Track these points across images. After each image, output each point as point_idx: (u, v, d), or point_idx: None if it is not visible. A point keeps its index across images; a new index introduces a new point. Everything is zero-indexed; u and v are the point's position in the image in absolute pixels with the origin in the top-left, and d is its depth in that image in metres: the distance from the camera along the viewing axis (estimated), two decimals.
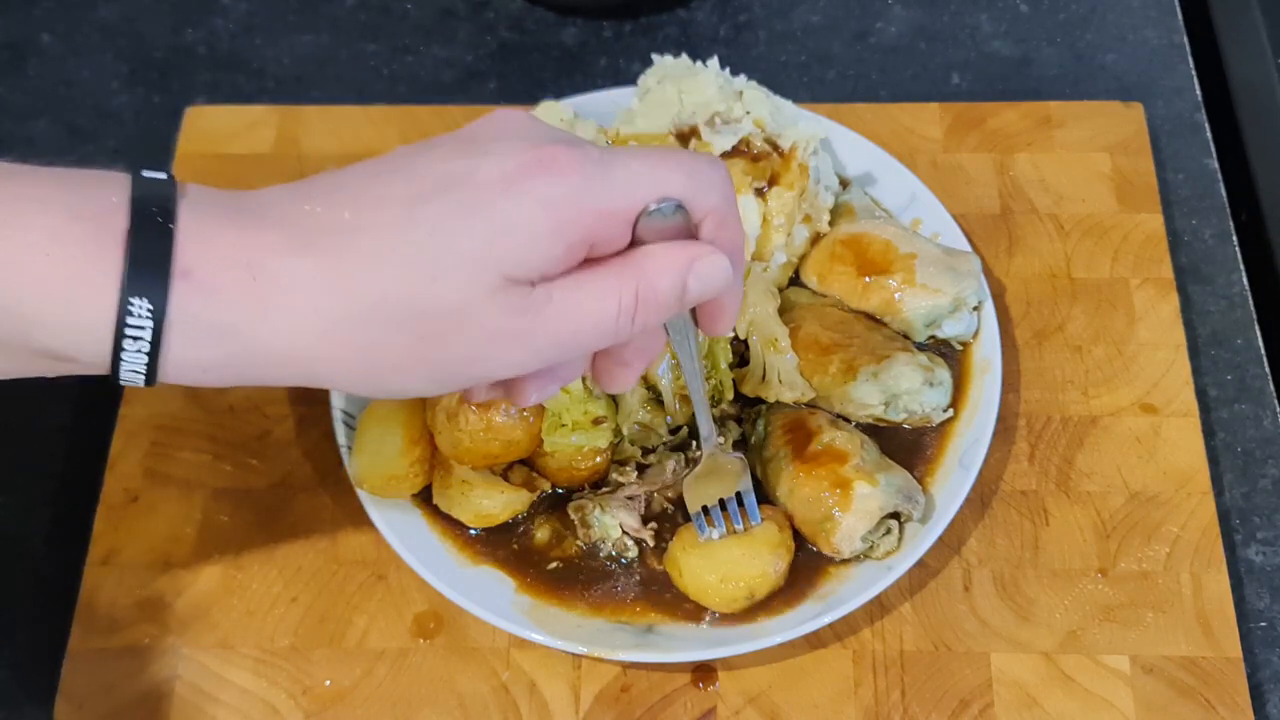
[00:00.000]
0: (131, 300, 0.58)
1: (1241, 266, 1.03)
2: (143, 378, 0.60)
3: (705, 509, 0.86)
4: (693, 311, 0.71)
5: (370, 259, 0.60)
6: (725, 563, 0.85)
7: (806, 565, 0.87)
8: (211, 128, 1.10)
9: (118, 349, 0.59)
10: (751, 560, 0.85)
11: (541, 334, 0.63)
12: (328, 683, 0.86)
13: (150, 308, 0.58)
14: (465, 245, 0.60)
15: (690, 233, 0.65)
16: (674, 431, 0.92)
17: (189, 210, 0.60)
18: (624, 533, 0.88)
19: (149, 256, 0.58)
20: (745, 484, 0.87)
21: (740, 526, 0.86)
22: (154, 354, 0.59)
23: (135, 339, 0.58)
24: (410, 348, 0.62)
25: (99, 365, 0.60)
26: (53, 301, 0.58)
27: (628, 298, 0.64)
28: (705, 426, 0.84)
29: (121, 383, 0.60)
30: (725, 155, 0.95)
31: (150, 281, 0.58)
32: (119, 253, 0.58)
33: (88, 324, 0.58)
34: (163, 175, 0.61)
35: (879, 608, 0.87)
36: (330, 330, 0.61)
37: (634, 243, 0.64)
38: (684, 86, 0.99)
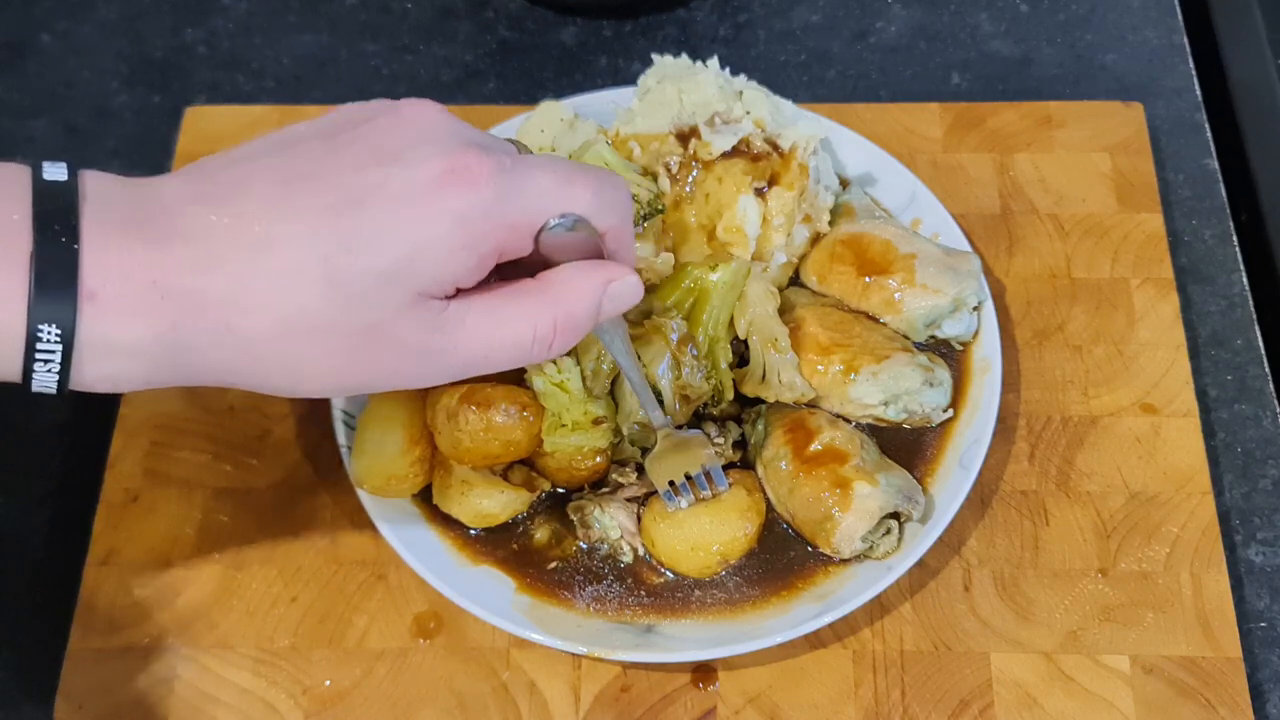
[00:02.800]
0: (40, 325, 0.58)
1: (1241, 267, 1.03)
2: (54, 390, 0.60)
3: (672, 483, 0.87)
4: None
5: (283, 276, 0.60)
6: (695, 532, 0.86)
7: (806, 564, 0.87)
8: (211, 128, 1.10)
9: (28, 369, 0.59)
10: (720, 527, 0.86)
11: (456, 353, 0.64)
12: (328, 683, 0.86)
13: (59, 331, 0.58)
14: (378, 262, 0.60)
15: (592, 244, 0.67)
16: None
17: (93, 223, 0.59)
18: (622, 535, 0.88)
19: (55, 280, 0.58)
20: (709, 456, 0.87)
21: (708, 493, 0.87)
22: (65, 371, 0.59)
23: (46, 360, 0.58)
24: (326, 360, 0.63)
25: (9, 380, 0.60)
26: None
27: (544, 326, 0.65)
28: (654, 415, 0.85)
29: (33, 392, 0.60)
30: (725, 155, 0.95)
31: (57, 305, 0.58)
32: (24, 276, 0.57)
33: None
34: (63, 175, 0.60)
35: (879, 608, 0.87)
36: (245, 347, 0.61)
37: (535, 252, 0.65)
38: (684, 86, 0.99)
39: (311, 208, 0.61)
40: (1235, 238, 1.05)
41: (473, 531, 0.89)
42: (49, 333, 0.58)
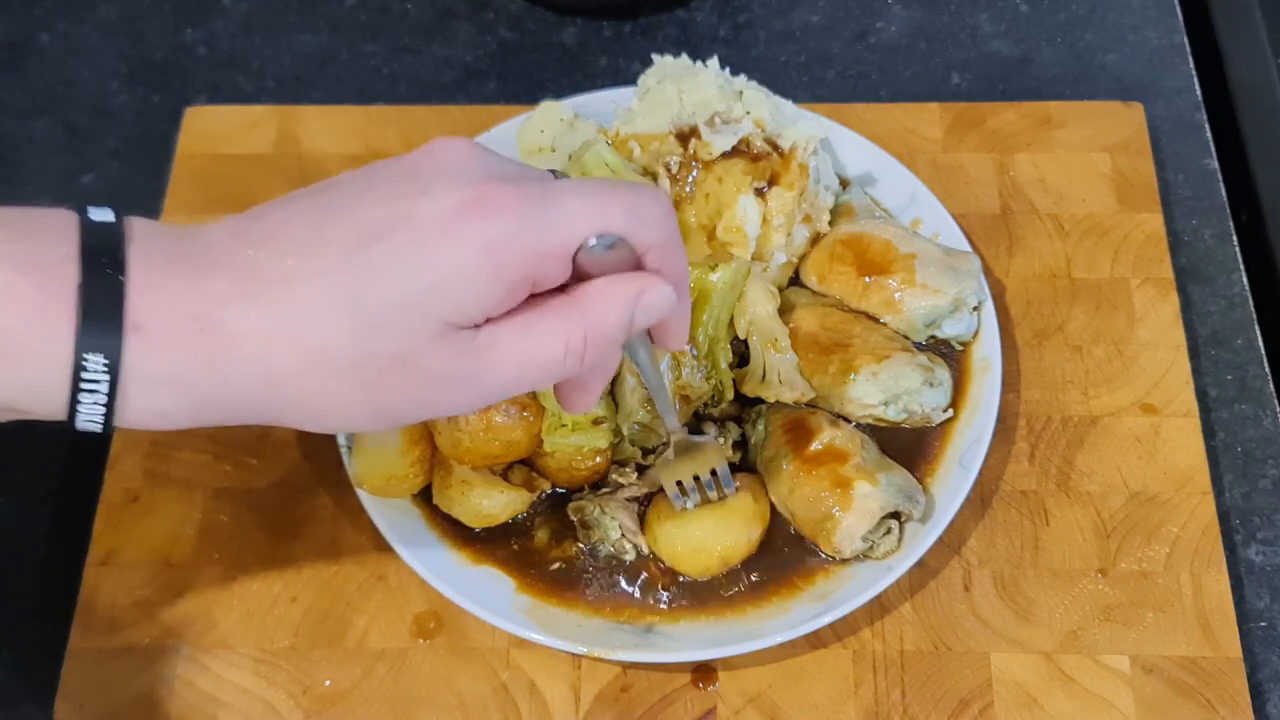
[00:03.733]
0: (86, 356, 0.58)
1: (1241, 266, 1.03)
2: (100, 426, 0.60)
3: (679, 483, 0.86)
4: None
5: (311, 309, 0.60)
6: (697, 534, 0.86)
7: (806, 564, 0.87)
8: (211, 128, 1.10)
9: (74, 402, 0.59)
10: (724, 532, 0.86)
11: (487, 377, 0.63)
12: (328, 683, 0.86)
13: (106, 362, 0.58)
14: (404, 294, 0.60)
15: (633, 262, 0.65)
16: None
17: (138, 258, 0.60)
18: (623, 534, 0.88)
19: (101, 310, 0.58)
20: (720, 461, 0.87)
21: (715, 495, 0.87)
22: (110, 405, 0.59)
23: (91, 392, 0.59)
24: (355, 394, 0.62)
25: (55, 416, 0.60)
26: (6, 358, 0.58)
27: (575, 338, 0.64)
28: (669, 420, 0.84)
29: (78, 429, 0.60)
30: (725, 155, 0.95)
31: (103, 336, 0.58)
32: (71, 307, 0.58)
33: (43, 379, 0.59)
34: (110, 217, 0.61)
35: (879, 608, 0.87)
36: (275, 379, 0.61)
37: (575, 273, 0.64)
38: (684, 86, 0.99)
39: (339, 242, 0.61)
40: (1235, 238, 1.05)
41: (473, 531, 0.89)
42: (95, 363, 0.58)
